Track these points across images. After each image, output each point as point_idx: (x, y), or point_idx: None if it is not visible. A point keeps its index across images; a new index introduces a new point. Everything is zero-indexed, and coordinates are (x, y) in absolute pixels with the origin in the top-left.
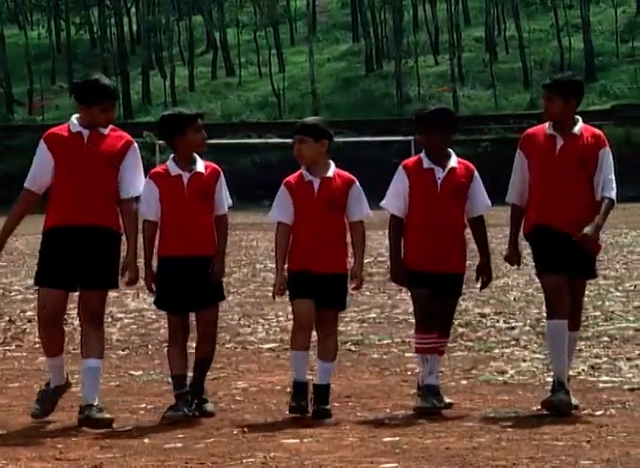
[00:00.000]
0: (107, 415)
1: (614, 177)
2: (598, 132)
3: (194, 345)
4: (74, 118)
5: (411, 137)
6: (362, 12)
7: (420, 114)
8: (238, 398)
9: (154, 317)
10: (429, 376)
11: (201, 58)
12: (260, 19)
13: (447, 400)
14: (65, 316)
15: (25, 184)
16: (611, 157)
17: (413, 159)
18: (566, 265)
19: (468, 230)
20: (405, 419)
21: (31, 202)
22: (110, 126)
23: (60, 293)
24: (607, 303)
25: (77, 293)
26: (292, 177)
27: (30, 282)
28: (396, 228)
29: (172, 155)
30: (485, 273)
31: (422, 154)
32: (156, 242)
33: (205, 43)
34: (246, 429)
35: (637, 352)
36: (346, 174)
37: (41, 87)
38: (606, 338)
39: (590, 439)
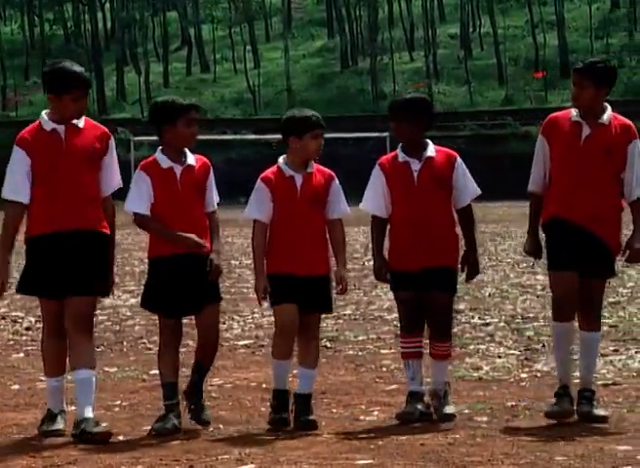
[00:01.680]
0: (104, 429)
1: None
2: (628, 122)
3: (183, 349)
4: (44, 114)
5: (386, 134)
6: (337, 8)
7: (393, 102)
8: (214, 394)
9: (129, 314)
10: (412, 382)
11: (175, 55)
12: (235, 15)
13: (450, 410)
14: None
15: (8, 196)
16: (638, 150)
17: (388, 155)
18: (579, 263)
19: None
20: (380, 416)
21: (22, 214)
22: (84, 117)
23: (59, 303)
24: None
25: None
26: (269, 173)
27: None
28: (377, 229)
29: (160, 147)
30: (470, 264)
31: (398, 149)
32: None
33: (179, 39)
34: (221, 426)
35: (611, 348)
36: (326, 169)
37: (14, 83)
38: None
39: (565, 435)
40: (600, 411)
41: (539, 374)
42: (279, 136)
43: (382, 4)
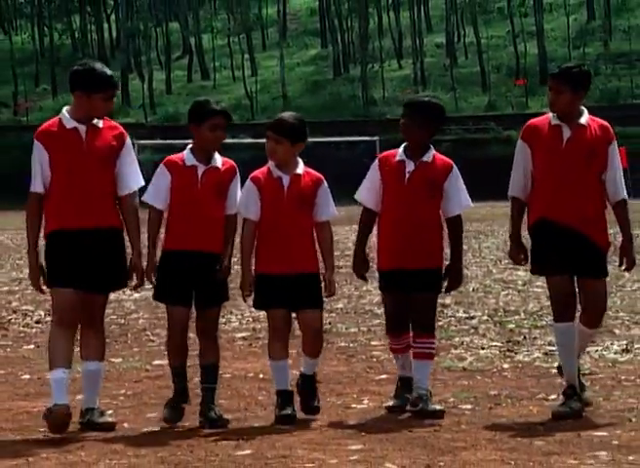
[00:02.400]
0: (109, 419)
1: (622, 173)
2: (605, 123)
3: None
4: (65, 111)
5: (376, 138)
6: (330, 19)
7: (410, 102)
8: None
9: (133, 308)
10: (402, 370)
11: (177, 63)
12: (234, 26)
13: (437, 407)
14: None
15: (31, 189)
16: (617, 150)
17: (389, 152)
18: (571, 263)
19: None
20: (370, 404)
21: (43, 205)
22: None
23: (72, 293)
24: None
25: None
26: (259, 173)
27: (15, 274)
28: (365, 221)
29: (190, 144)
30: (453, 276)
31: (400, 148)
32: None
33: (181, 48)
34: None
35: None
36: (314, 172)
37: (25, 89)
38: None
39: (544, 421)
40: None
41: (520, 365)
42: None
43: (373, 15)
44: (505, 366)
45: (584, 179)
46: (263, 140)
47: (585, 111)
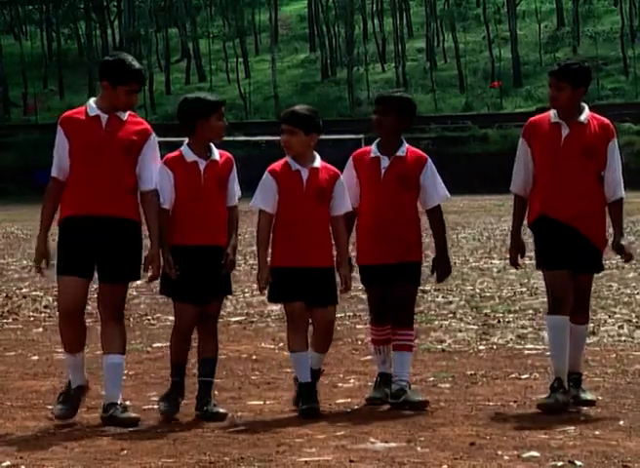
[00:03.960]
0: (133, 414)
1: (621, 171)
2: (606, 121)
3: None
4: (92, 101)
5: (361, 136)
6: (318, 25)
7: (382, 96)
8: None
9: (135, 294)
10: (382, 366)
11: (176, 66)
12: (229, 32)
13: (420, 398)
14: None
15: (52, 173)
16: (617, 148)
17: (363, 149)
18: (570, 259)
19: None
20: (355, 383)
21: (60, 190)
22: (129, 112)
23: (80, 281)
24: (532, 280)
25: (96, 287)
26: (277, 166)
27: (25, 262)
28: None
29: (186, 141)
30: (441, 266)
31: (373, 144)
32: None
33: (180, 52)
34: (216, 392)
35: None
36: (331, 166)
37: (34, 90)
38: (531, 311)
39: (517, 399)
40: (587, 395)
41: (494, 346)
42: (267, 138)
43: (358, 22)
44: (481, 347)
45: (583, 177)
46: (256, 138)
47: (586, 108)
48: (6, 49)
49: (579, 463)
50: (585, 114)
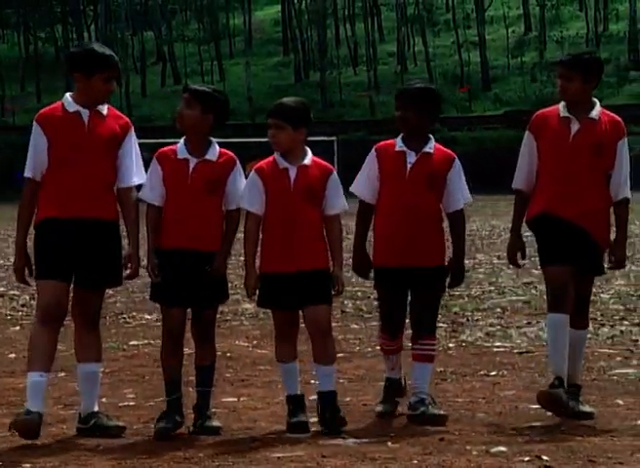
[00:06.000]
0: (120, 423)
1: (628, 171)
2: (617, 118)
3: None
4: (68, 96)
5: (334, 138)
6: (291, 29)
7: (404, 90)
8: (185, 362)
9: (111, 292)
10: (391, 371)
11: (152, 68)
12: (204, 35)
13: (439, 412)
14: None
15: (26, 174)
16: (627, 147)
17: (387, 141)
18: (571, 258)
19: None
20: None
21: (36, 191)
22: (107, 105)
23: (61, 285)
24: (500, 279)
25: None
26: (263, 163)
27: (2, 262)
28: (363, 215)
29: (183, 138)
30: (456, 272)
31: (398, 138)
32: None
33: (155, 55)
34: (191, 388)
35: (525, 321)
36: (323, 162)
37: (11, 92)
38: (499, 310)
39: (485, 395)
40: (585, 408)
41: (463, 344)
42: (241, 140)
43: (330, 26)
44: (451, 345)
45: (590, 175)
46: (232, 139)
47: (597, 104)
48: None
49: (545, 458)
50: (597, 110)
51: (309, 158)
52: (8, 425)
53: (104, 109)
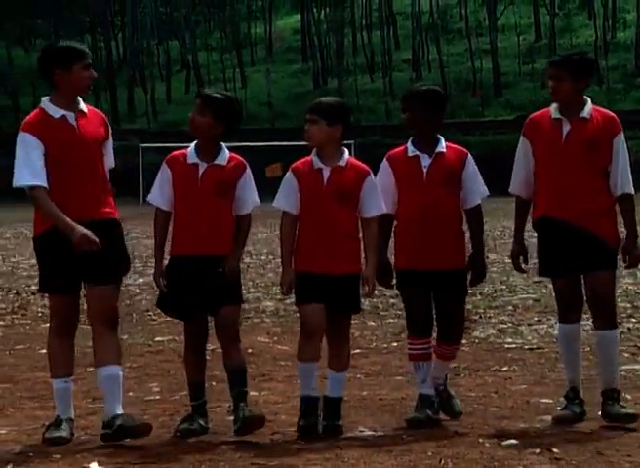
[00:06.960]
0: (145, 421)
1: (629, 167)
2: (611, 114)
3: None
4: (46, 100)
5: (351, 141)
6: (310, 38)
7: (410, 92)
8: (207, 357)
9: (137, 291)
10: (423, 385)
11: (176, 76)
12: (226, 44)
13: (457, 409)
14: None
15: (32, 183)
16: (624, 143)
17: (398, 149)
18: (577, 263)
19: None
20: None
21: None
22: (83, 103)
23: (69, 299)
24: (511, 278)
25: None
26: (300, 163)
27: (33, 261)
28: (382, 225)
29: (194, 142)
30: (477, 269)
31: (409, 142)
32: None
33: (180, 63)
34: (214, 383)
35: (536, 319)
36: (361, 164)
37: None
38: (510, 307)
39: (497, 390)
40: (629, 410)
41: (476, 340)
42: (263, 144)
43: (348, 35)
44: (464, 341)
45: (587, 174)
46: (250, 143)
47: (589, 101)
48: (16, 60)
49: (555, 450)
50: (588, 108)
51: (345, 159)
52: (41, 435)
53: (84, 106)
